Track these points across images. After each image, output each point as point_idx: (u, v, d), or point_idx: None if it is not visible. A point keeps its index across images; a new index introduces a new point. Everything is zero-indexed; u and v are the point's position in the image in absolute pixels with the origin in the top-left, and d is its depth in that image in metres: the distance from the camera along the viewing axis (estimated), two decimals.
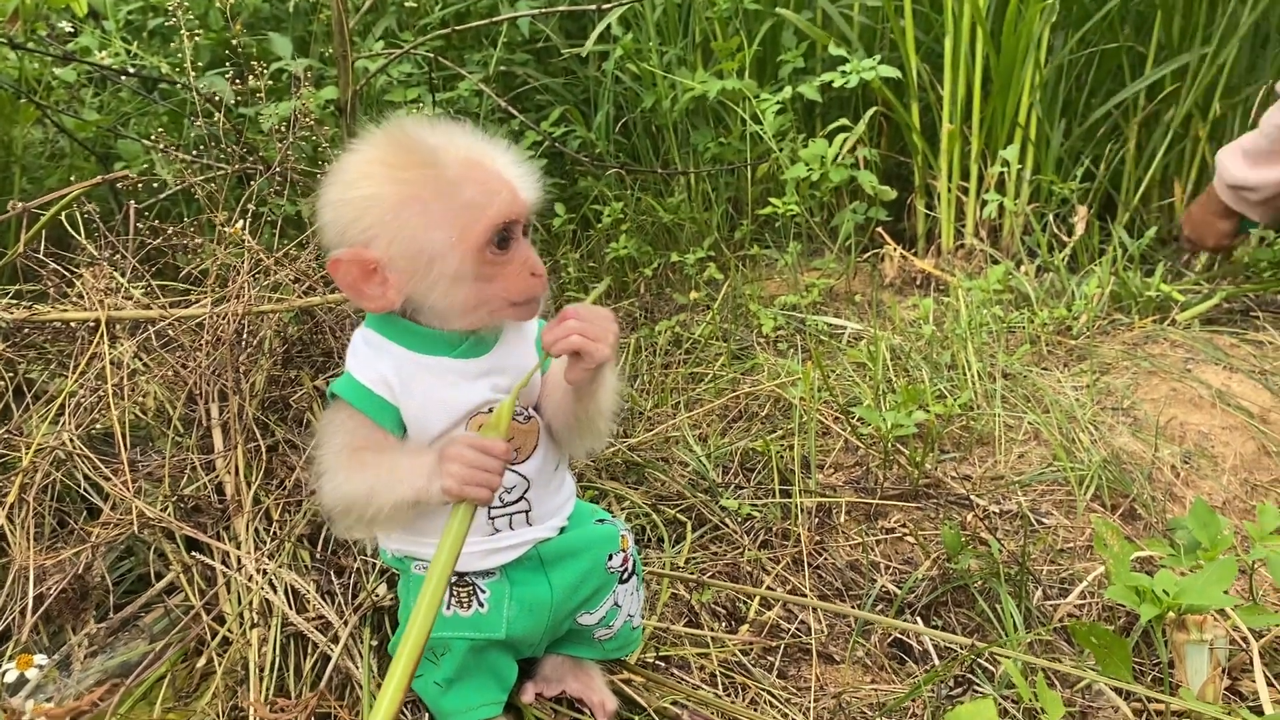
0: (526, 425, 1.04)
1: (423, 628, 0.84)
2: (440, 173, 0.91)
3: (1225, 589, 1.18)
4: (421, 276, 0.92)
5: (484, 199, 0.91)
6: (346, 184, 0.93)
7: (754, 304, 2.26)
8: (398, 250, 0.91)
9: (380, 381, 0.98)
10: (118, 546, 1.31)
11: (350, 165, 0.94)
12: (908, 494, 1.59)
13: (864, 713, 1.21)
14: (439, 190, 0.91)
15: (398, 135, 0.93)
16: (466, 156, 0.93)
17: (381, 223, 0.91)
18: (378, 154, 0.93)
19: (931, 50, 2.75)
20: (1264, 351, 2.02)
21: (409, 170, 0.91)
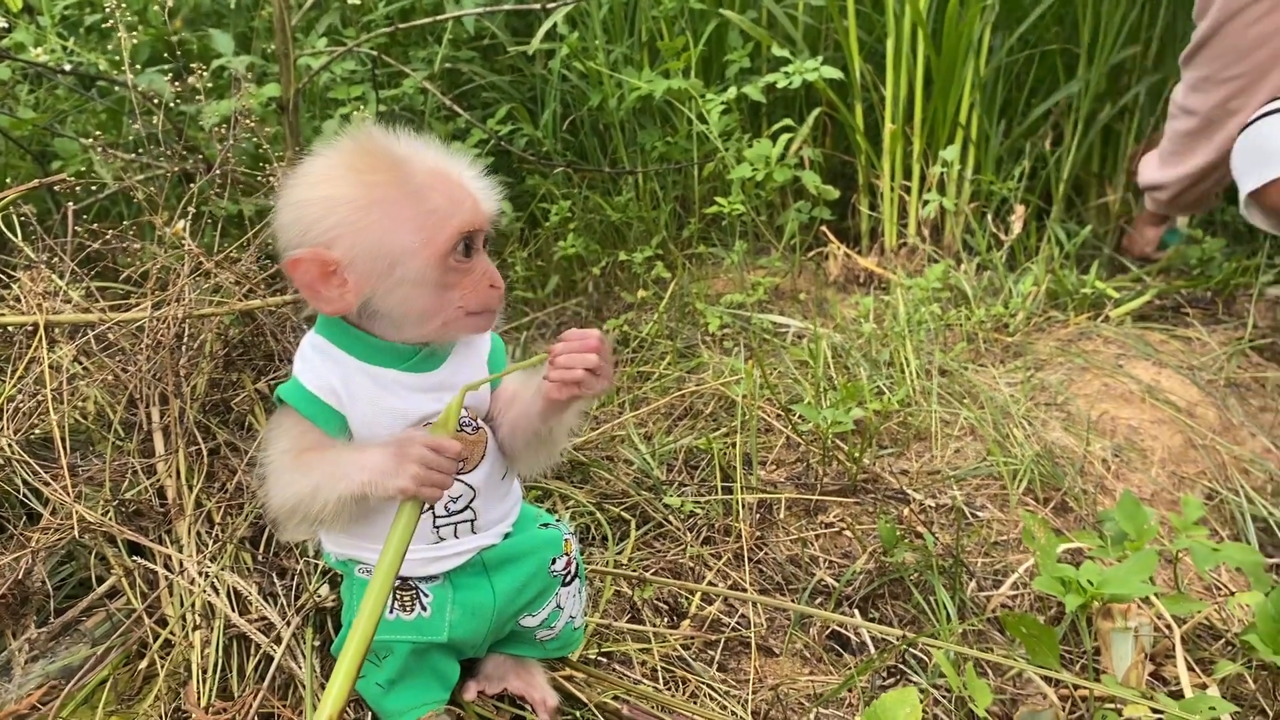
0: (474, 436, 1.05)
1: (368, 627, 0.85)
2: (407, 178, 0.92)
3: (1145, 579, 1.23)
4: (382, 279, 0.93)
5: (450, 207, 0.93)
6: (310, 185, 0.94)
7: (700, 303, 2.29)
8: (360, 251, 0.92)
9: (327, 388, 0.99)
10: (58, 551, 1.30)
11: (314, 168, 0.95)
12: (847, 489, 1.63)
13: (801, 704, 1.25)
14: (406, 195, 0.92)
15: (364, 141, 0.95)
16: (433, 166, 0.94)
17: (345, 223, 0.91)
18: (343, 159, 0.94)
19: (875, 50, 2.80)
20: (1192, 347, 2.09)
21: (376, 174, 0.92)
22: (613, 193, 2.70)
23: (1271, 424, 1.90)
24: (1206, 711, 1.14)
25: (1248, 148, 1.96)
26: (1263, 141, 1.92)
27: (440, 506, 1.04)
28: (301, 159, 0.98)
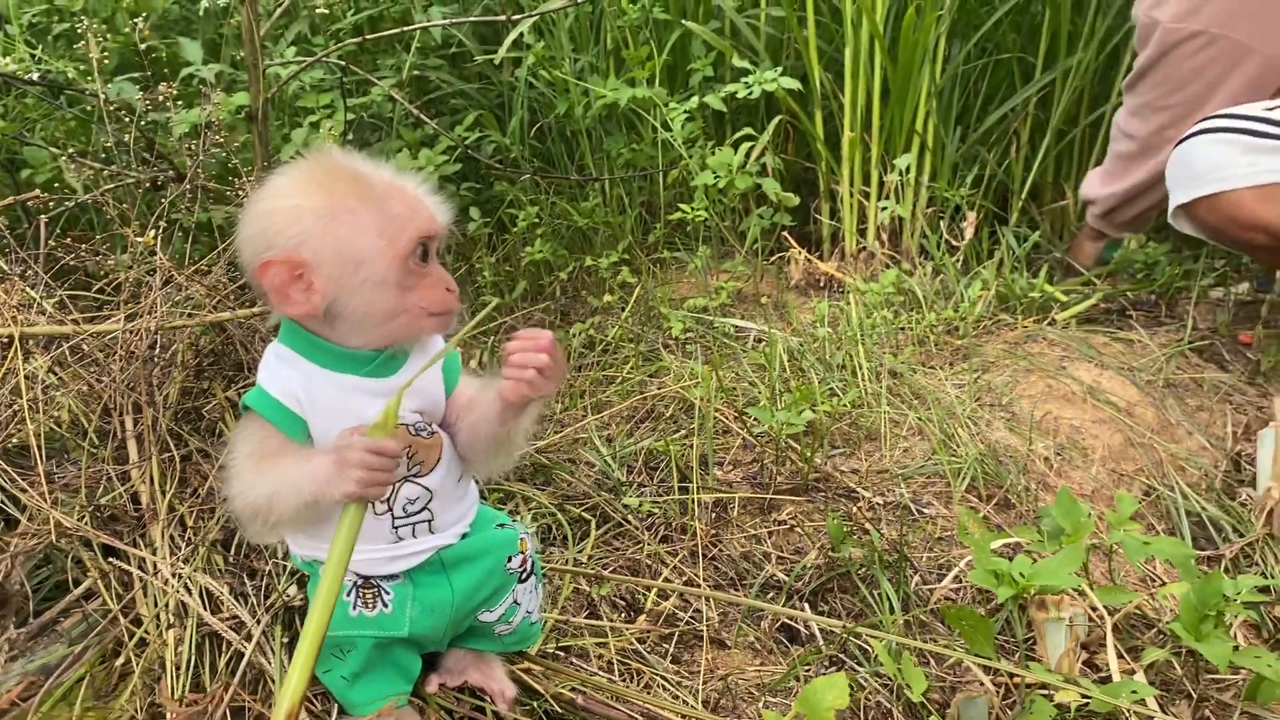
0: (430, 440, 1.11)
1: (320, 620, 0.91)
2: (369, 188, 1.00)
3: (1073, 571, 1.31)
4: (348, 280, 0.99)
5: (409, 214, 1.00)
6: (276, 197, 1.01)
7: (664, 307, 2.35)
8: (327, 255, 0.98)
9: (289, 395, 1.04)
10: (36, 555, 1.35)
11: (278, 183, 1.02)
12: (799, 488, 1.70)
13: (750, 693, 1.31)
14: (368, 203, 0.99)
15: (324, 158, 1.03)
16: (389, 179, 1.03)
17: (312, 229, 0.98)
18: (306, 173, 1.02)
19: (835, 59, 2.87)
20: (1133, 349, 2.18)
21: (339, 184, 1.00)
22: (579, 199, 2.76)
23: (1207, 422, 1.98)
24: (1129, 695, 1.21)
25: (1178, 162, 2.06)
26: (1192, 159, 2.02)
27: (399, 508, 1.10)
28: (269, 171, 1.05)
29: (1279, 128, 1.94)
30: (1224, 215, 1.99)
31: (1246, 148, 1.96)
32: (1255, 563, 1.62)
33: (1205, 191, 1.99)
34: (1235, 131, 1.98)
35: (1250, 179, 1.94)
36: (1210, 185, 1.99)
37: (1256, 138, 1.96)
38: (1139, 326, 2.28)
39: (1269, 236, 1.96)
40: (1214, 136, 2.00)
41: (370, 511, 1.08)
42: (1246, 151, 1.96)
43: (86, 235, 2.16)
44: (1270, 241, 1.98)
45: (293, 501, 0.98)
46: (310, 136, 2.54)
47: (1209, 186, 1.99)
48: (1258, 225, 1.95)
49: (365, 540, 1.09)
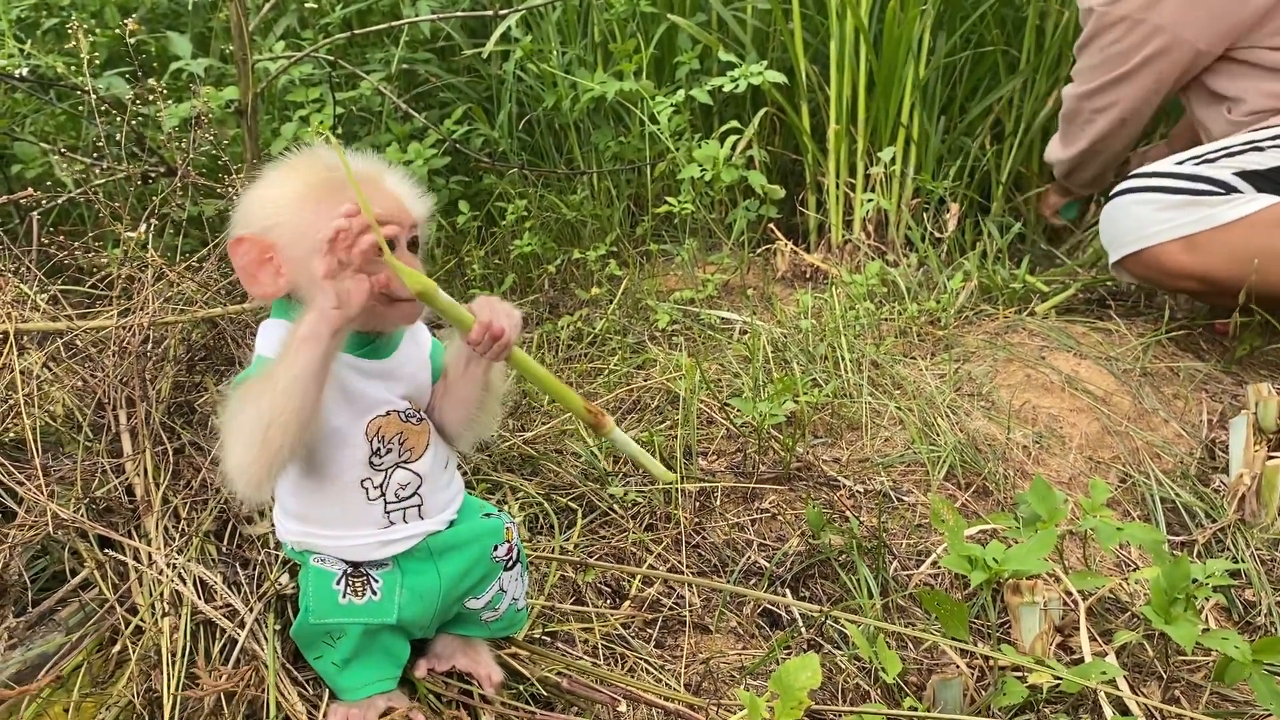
0: (419, 427, 1.15)
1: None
2: (340, 180, 1.02)
3: (1044, 556, 1.34)
4: (309, 266, 1.00)
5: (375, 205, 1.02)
6: (261, 185, 1.08)
7: (651, 299, 2.38)
8: (291, 240, 1.03)
9: None
10: (33, 546, 1.38)
11: (268, 174, 1.09)
12: (782, 477, 1.73)
13: (732, 675, 1.35)
14: (332, 191, 1.03)
15: (310, 153, 1.09)
16: (365, 171, 1.06)
17: (282, 215, 1.04)
18: (290, 166, 1.08)
19: (820, 52, 2.89)
20: (1111, 339, 2.21)
21: (313, 174, 1.05)
22: (568, 192, 2.78)
23: (1183, 410, 2.02)
24: (1098, 676, 1.25)
25: (1106, 222, 2.22)
26: (1116, 220, 2.18)
27: (391, 493, 1.13)
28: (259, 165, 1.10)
29: (1188, 181, 2.10)
30: (1153, 269, 2.15)
31: (1162, 205, 2.11)
32: (1227, 547, 1.66)
33: (1131, 249, 2.15)
34: (1150, 190, 2.14)
35: (1170, 234, 2.09)
36: (1135, 244, 2.14)
37: (1169, 194, 2.11)
38: (1117, 316, 2.31)
39: (1199, 282, 2.12)
40: (1132, 197, 2.16)
41: (364, 497, 1.12)
42: (1162, 209, 2.11)
43: (78, 230, 2.19)
44: (1202, 286, 2.13)
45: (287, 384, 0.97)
46: (299, 130, 2.56)
47: (1134, 245, 2.14)
48: (1185, 274, 2.11)
49: (356, 526, 1.13)
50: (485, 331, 1.05)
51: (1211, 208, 2.07)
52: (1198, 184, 2.10)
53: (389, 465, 1.12)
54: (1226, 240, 2.05)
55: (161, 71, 2.77)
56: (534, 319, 2.44)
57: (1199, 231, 2.06)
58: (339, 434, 1.09)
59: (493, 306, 1.07)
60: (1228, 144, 2.13)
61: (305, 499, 1.13)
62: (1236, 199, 2.06)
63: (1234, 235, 2.04)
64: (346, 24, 2.94)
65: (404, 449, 1.13)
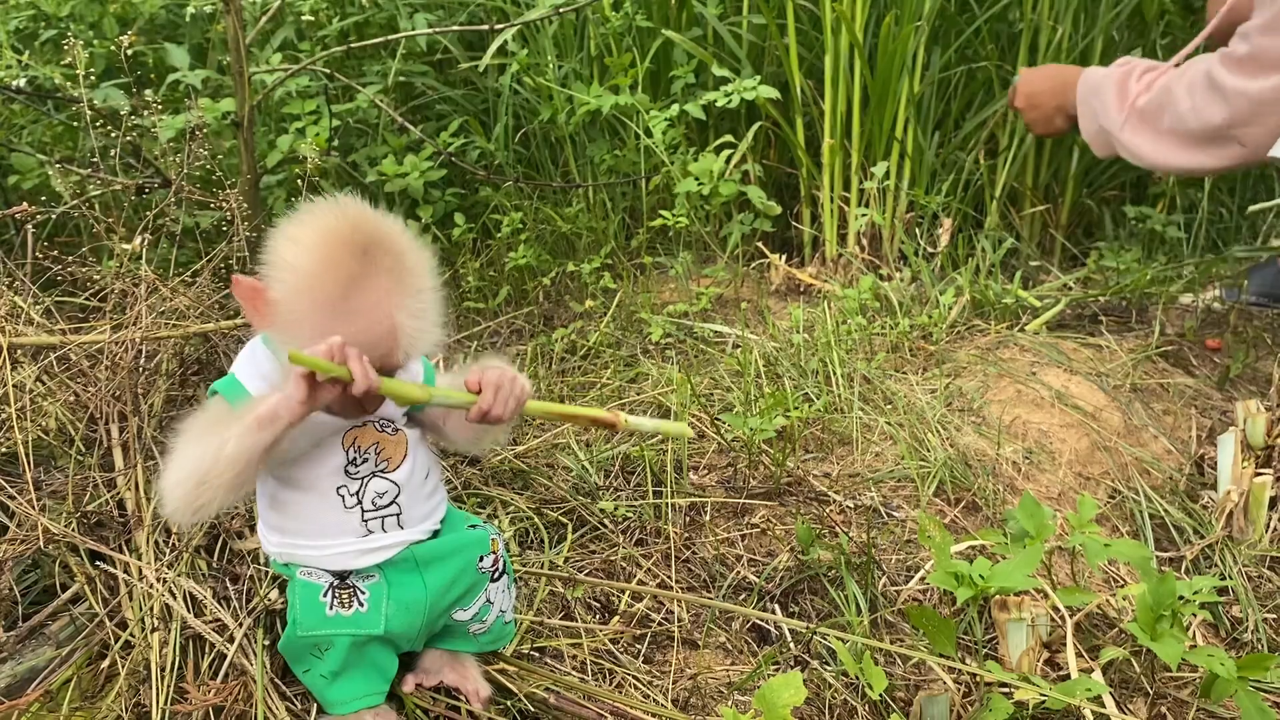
0: (395, 437, 1.16)
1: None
2: (350, 298, 1.01)
3: (1030, 573, 1.35)
4: (279, 336, 1.04)
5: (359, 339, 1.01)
6: (299, 240, 1.03)
7: (645, 312, 2.39)
8: (280, 311, 1.03)
9: (258, 386, 1.08)
10: (24, 560, 1.38)
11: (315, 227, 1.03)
12: (772, 492, 1.74)
13: (720, 691, 1.36)
14: (337, 309, 1.01)
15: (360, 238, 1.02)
16: (377, 300, 1.02)
17: (290, 286, 1.02)
18: (331, 235, 1.02)
19: (815, 66, 2.91)
20: (1102, 355, 2.22)
21: (334, 273, 1.01)
22: (563, 204, 2.79)
23: (1173, 427, 2.03)
24: (1083, 693, 1.26)
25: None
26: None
27: (368, 501, 1.14)
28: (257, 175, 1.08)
29: None
30: None
31: None
32: (1214, 564, 1.67)
33: None
34: None
35: None
36: None
37: None
38: (1108, 332, 2.33)
39: None
40: None
41: (340, 505, 1.13)
42: None
43: (74, 242, 2.20)
44: None
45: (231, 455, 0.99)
46: (296, 142, 2.57)
47: None
48: None
49: (336, 535, 1.14)
50: (482, 416, 1.09)
51: None
52: None
53: (365, 474, 1.13)
54: None
55: (159, 83, 2.79)
56: (528, 331, 2.45)
57: None
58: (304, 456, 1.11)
59: (498, 387, 1.09)
60: None
61: (283, 511, 1.14)
62: None
63: None
64: (344, 37, 2.96)
65: (380, 459, 1.14)
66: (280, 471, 1.12)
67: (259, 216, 2.05)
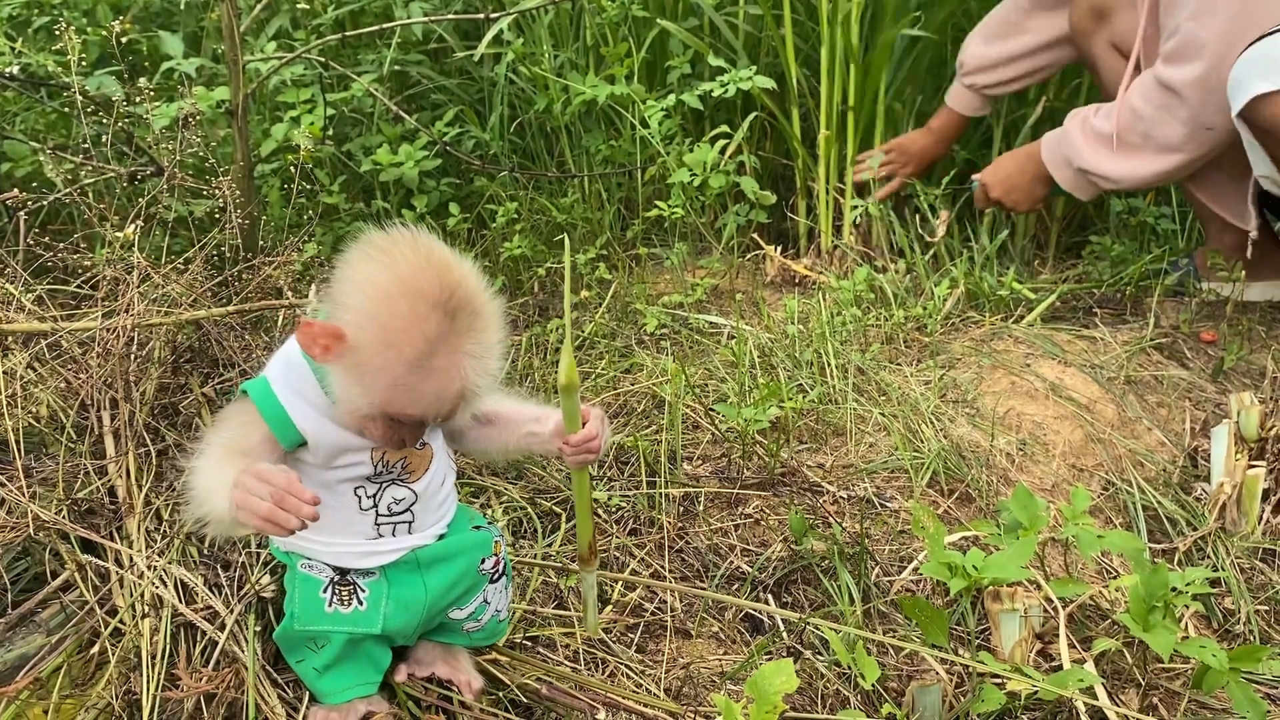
0: (422, 451, 1.15)
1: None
2: (431, 356, 0.99)
3: (1023, 564, 1.35)
4: (346, 383, 1.02)
5: (431, 402, 1.01)
6: (380, 282, 1.00)
7: (641, 303, 2.38)
8: (355, 355, 1.00)
9: (294, 402, 1.07)
10: (14, 548, 1.38)
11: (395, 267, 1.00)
12: (766, 482, 1.74)
13: (712, 681, 1.35)
14: (415, 366, 0.99)
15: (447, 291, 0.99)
16: (452, 355, 1.00)
17: (367, 334, 0.99)
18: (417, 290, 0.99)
19: (811, 57, 2.90)
20: (1096, 347, 2.22)
21: (417, 331, 0.98)
22: (558, 195, 2.79)
23: (1167, 419, 2.03)
24: (1076, 683, 1.26)
25: (1259, 56, 1.91)
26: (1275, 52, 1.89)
27: (384, 506, 1.14)
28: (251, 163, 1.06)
29: None
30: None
31: None
32: (1207, 556, 1.67)
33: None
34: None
35: None
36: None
37: None
38: (1102, 324, 2.32)
39: None
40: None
41: (356, 506, 1.13)
42: None
43: (67, 230, 2.19)
44: None
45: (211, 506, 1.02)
46: (290, 131, 2.56)
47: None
48: None
49: (345, 533, 1.14)
50: (585, 441, 1.14)
51: None
52: None
53: (385, 480, 1.14)
54: None
55: (153, 71, 2.77)
56: (523, 322, 2.45)
57: None
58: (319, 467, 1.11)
59: (604, 425, 1.16)
60: None
61: None
62: None
63: None
64: (338, 25, 2.94)
65: (405, 470, 1.14)
66: (300, 467, 1.11)
67: (252, 205, 2.04)
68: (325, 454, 1.10)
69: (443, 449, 1.19)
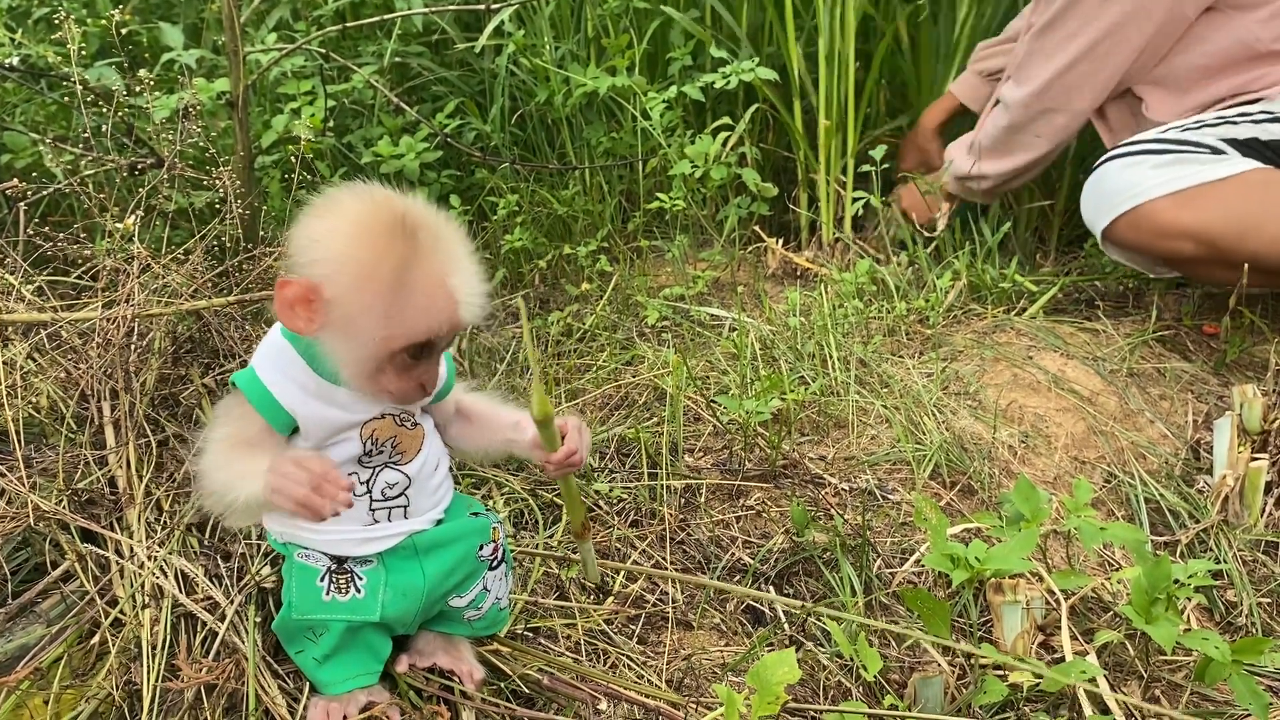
0: (413, 431, 1.15)
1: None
2: (407, 276, 1.00)
3: (1026, 555, 1.35)
4: (341, 339, 1.03)
5: (424, 318, 1.02)
6: (333, 228, 1.02)
7: (642, 295, 2.38)
8: (337, 306, 1.01)
9: (281, 386, 1.08)
10: (14, 538, 1.38)
11: (347, 212, 1.03)
12: (768, 474, 1.73)
13: (714, 672, 1.35)
14: (396, 290, 1.00)
15: (398, 216, 1.02)
16: (438, 271, 1.02)
17: (343, 280, 1.00)
18: (373, 221, 1.02)
19: (814, 48, 2.89)
20: (1098, 339, 2.22)
21: (387, 258, 1.00)
22: (559, 187, 2.78)
23: (1169, 411, 2.03)
24: (1078, 675, 1.26)
25: (1092, 190, 2.18)
26: (1104, 183, 2.15)
27: (378, 491, 1.14)
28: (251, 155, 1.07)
29: (1176, 145, 2.10)
30: (1146, 229, 2.10)
31: (1153, 164, 2.09)
32: (1209, 548, 1.67)
33: (1123, 209, 2.11)
34: (1138, 154, 2.11)
35: (1164, 188, 2.06)
36: (1127, 202, 2.10)
37: (1158, 155, 2.09)
38: (1104, 317, 2.32)
39: (1195, 243, 2.06)
40: (1120, 162, 2.13)
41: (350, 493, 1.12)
42: (1154, 167, 2.09)
43: (66, 220, 2.18)
44: (1197, 249, 2.07)
45: (244, 493, 1.04)
46: (291, 123, 2.56)
47: (1126, 204, 2.10)
48: (1181, 232, 2.06)
49: (340, 521, 1.12)
50: (566, 459, 1.14)
51: (1202, 164, 2.06)
52: (1185, 147, 2.09)
53: (378, 464, 1.13)
54: (1220, 196, 2.03)
55: (153, 62, 2.77)
56: (523, 314, 2.44)
57: (1192, 186, 2.04)
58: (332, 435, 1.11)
59: (583, 436, 1.15)
60: (1201, 118, 2.16)
61: None
62: (1224, 159, 2.06)
63: (1228, 191, 2.03)
64: (339, 16, 2.93)
65: (395, 451, 1.14)
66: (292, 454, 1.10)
67: (253, 196, 2.04)
68: (316, 436, 1.09)
69: (434, 433, 1.18)
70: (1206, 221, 2.04)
